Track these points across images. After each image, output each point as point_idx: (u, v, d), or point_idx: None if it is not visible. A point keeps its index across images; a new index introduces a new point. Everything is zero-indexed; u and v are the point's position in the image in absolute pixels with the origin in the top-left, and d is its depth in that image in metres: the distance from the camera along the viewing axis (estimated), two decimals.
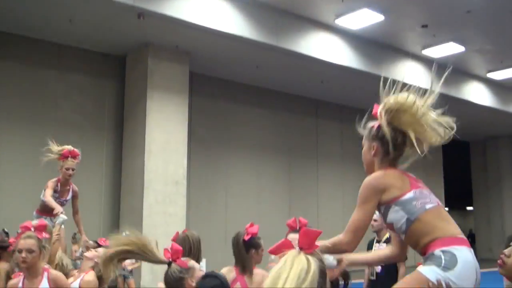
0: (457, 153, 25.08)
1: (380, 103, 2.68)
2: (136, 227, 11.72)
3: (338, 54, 14.27)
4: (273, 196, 16.93)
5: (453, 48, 15.21)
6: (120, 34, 12.72)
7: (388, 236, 5.79)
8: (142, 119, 13.04)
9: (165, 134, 13.14)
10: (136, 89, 13.45)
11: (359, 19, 13.26)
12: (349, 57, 14.51)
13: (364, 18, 13.20)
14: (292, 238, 3.73)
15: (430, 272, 2.27)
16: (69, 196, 6.10)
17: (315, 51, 13.74)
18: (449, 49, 15.25)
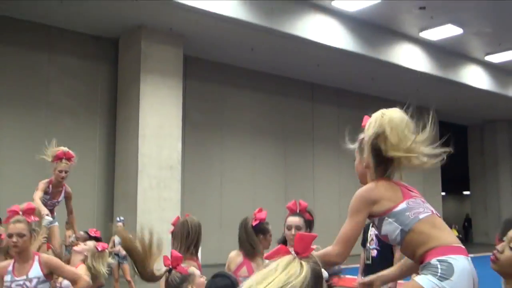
0: (454, 137, 24.95)
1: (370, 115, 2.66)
2: (130, 212, 11.55)
3: (335, 37, 14.09)
4: (269, 180, 16.84)
5: (451, 30, 15.04)
6: (112, 16, 12.51)
7: None
8: (136, 103, 12.88)
9: (159, 118, 13.00)
10: (129, 73, 13.27)
11: (356, 1, 13.08)
12: (345, 40, 14.33)
13: (360, 0, 12.99)
14: (291, 221, 3.72)
15: (426, 281, 2.28)
16: (61, 198, 5.91)
17: (311, 34, 13.55)
18: (447, 31, 15.08)
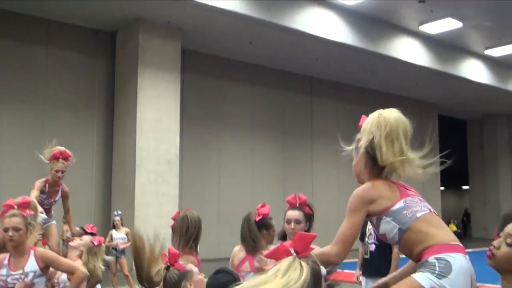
0: (453, 131, 24.97)
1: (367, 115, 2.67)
2: (128, 207, 11.50)
3: (334, 30, 14.01)
4: (267, 175, 16.79)
5: (450, 24, 14.96)
6: (110, 9, 12.43)
7: None
8: (133, 97, 12.81)
9: (157, 112, 12.94)
10: (127, 66, 13.20)
11: None
12: (344, 33, 14.26)
13: None
14: (291, 214, 3.69)
15: (424, 279, 2.28)
16: (58, 197, 5.86)
17: (309, 27, 13.48)
18: (446, 25, 15.01)
